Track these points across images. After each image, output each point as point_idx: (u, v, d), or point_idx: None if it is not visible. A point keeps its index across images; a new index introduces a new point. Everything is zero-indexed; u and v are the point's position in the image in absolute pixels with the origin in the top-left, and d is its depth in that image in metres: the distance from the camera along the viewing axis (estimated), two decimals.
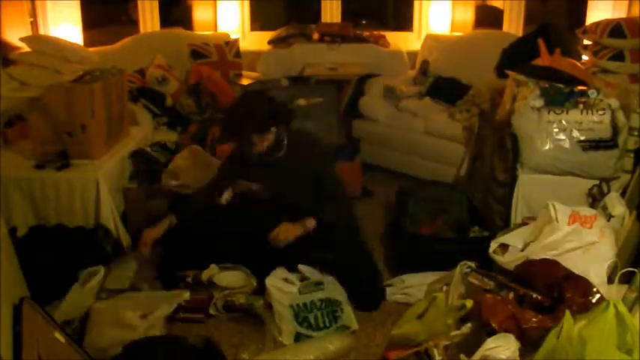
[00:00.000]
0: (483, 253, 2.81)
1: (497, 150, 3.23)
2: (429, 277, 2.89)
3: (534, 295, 2.29)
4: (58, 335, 2.08)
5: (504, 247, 2.70)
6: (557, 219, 2.49)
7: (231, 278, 2.87)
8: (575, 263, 2.44)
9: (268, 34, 4.93)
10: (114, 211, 3.07)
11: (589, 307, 2.14)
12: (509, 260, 2.59)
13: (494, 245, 2.70)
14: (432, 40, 4.90)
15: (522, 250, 2.60)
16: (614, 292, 2.37)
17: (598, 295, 2.20)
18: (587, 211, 2.57)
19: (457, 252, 2.79)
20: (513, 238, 2.68)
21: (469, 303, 2.26)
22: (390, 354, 2.37)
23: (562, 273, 2.31)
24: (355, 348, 2.60)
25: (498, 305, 2.23)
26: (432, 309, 2.33)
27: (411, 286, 2.91)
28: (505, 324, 2.16)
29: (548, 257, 2.47)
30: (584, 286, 2.23)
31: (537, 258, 2.47)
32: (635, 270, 2.33)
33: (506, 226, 3.04)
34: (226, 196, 2.95)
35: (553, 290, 2.27)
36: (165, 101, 4.18)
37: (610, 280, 2.49)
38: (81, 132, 3.08)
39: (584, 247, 2.50)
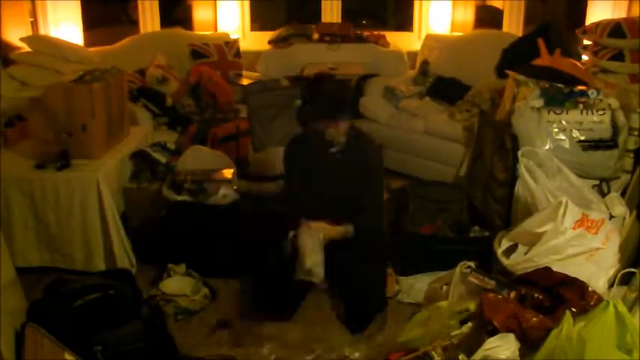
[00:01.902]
0: (483, 253, 2.82)
1: (498, 150, 3.23)
2: (426, 278, 2.90)
3: (536, 295, 2.29)
4: (67, 356, 2.10)
5: (509, 251, 2.71)
6: (562, 221, 2.48)
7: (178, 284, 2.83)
8: (578, 269, 2.44)
9: (268, 34, 4.93)
10: (114, 211, 3.08)
11: (589, 309, 2.14)
12: (514, 263, 2.59)
13: (505, 243, 2.70)
14: (432, 40, 4.89)
15: (526, 253, 2.60)
16: (614, 293, 2.37)
17: (596, 297, 2.20)
18: (595, 215, 2.56)
19: (457, 252, 2.80)
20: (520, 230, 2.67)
21: (472, 306, 2.27)
22: (392, 356, 2.37)
23: (559, 277, 2.32)
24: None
25: (500, 304, 2.24)
26: (435, 317, 2.33)
27: (408, 286, 2.91)
28: (507, 323, 2.16)
29: (550, 262, 2.47)
30: (581, 288, 2.23)
31: (541, 263, 2.47)
32: (635, 270, 2.33)
33: (506, 226, 3.04)
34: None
35: (552, 293, 2.27)
36: (166, 101, 4.18)
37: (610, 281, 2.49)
38: (81, 132, 3.08)
39: (588, 252, 2.50)
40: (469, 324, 2.28)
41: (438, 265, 2.87)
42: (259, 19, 5.34)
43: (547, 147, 2.96)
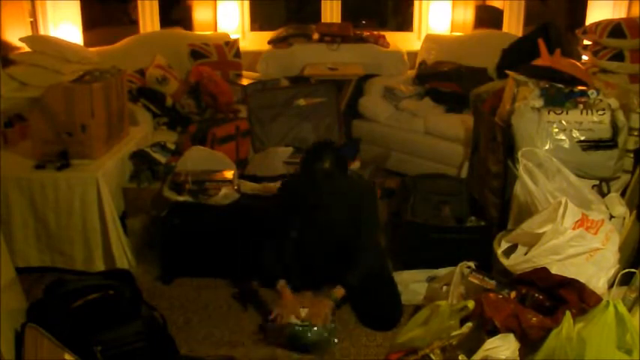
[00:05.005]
0: (479, 242, 2.89)
1: (490, 143, 3.26)
2: (421, 275, 2.92)
3: (536, 295, 2.29)
4: (67, 357, 2.10)
5: (509, 251, 2.71)
6: (562, 221, 2.47)
7: None
8: (578, 269, 2.44)
9: (268, 34, 4.93)
10: (113, 211, 3.08)
11: (588, 310, 2.14)
12: (514, 263, 2.59)
13: (505, 244, 2.71)
14: (432, 40, 4.89)
15: (526, 254, 2.60)
16: (614, 293, 2.37)
17: (595, 298, 2.20)
18: (595, 216, 2.56)
19: (454, 241, 2.93)
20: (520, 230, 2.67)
21: (471, 304, 2.27)
22: (392, 356, 2.37)
23: (557, 279, 2.31)
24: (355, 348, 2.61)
25: (501, 303, 2.24)
26: (434, 317, 2.33)
27: (403, 284, 2.91)
28: (507, 322, 2.16)
29: (550, 262, 2.47)
30: (580, 290, 2.23)
31: (540, 263, 2.47)
32: (635, 270, 2.33)
33: (501, 217, 3.06)
34: None
35: (552, 294, 2.27)
36: (165, 101, 4.18)
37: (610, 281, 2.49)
38: (81, 132, 3.08)
39: (587, 253, 2.50)
40: (469, 324, 2.28)
41: (436, 254, 2.93)
42: (259, 19, 5.34)
43: (547, 147, 2.96)
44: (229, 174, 3.26)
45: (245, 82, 4.54)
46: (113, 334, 2.29)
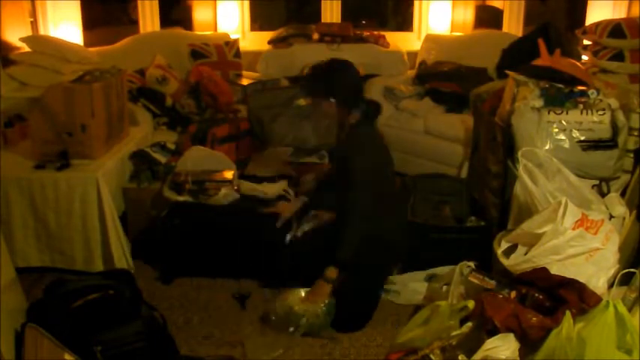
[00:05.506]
0: (479, 242, 2.89)
1: (490, 143, 3.26)
2: (419, 275, 2.93)
3: (537, 295, 2.29)
4: (67, 357, 2.10)
5: (509, 251, 2.71)
6: (562, 221, 2.47)
7: None
8: (578, 269, 2.44)
9: (268, 34, 4.93)
10: (113, 211, 3.08)
11: (588, 310, 2.14)
12: (514, 263, 2.59)
13: (505, 244, 2.71)
14: (432, 40, 4.90)
15: (525, 254, 2.60)
16: (614, 293, 2.37)
17: (595, 298, 2.20)
18: (595, 216, 2.56)
19: (454, 241, 2.95)
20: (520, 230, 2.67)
21: (471, 304, 2.26)
22: (392, 356, 2.37)
23: (557, 279, 2.31)
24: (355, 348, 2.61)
25: (501, 303, 2.24)
26: (434, 317, 2.32)
27: (402, 285, 2.91)
28: (507, 322, 2.16)
29: (550, 262, 2.47)
30: (580, 290, 2.23)
31: (540, 263, 2.47)
32: (635, 270, 2.33)
33: (501, 217, 3.06)
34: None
35: (552, 294, 2.27)
36: (165, 101, 4.19)
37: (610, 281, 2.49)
38: (81, 132, 3.08)
39: (587, 253, 2.50)
40: (469, 324, 2.28)
41: (436, 254, 2.95)
42: (259, 19, 5.35)
43: (547, 147, 2.96)
44: (229, 174, 3.26)
45: (245, 82, 4.55)
46: (113, 334, 2.29)
